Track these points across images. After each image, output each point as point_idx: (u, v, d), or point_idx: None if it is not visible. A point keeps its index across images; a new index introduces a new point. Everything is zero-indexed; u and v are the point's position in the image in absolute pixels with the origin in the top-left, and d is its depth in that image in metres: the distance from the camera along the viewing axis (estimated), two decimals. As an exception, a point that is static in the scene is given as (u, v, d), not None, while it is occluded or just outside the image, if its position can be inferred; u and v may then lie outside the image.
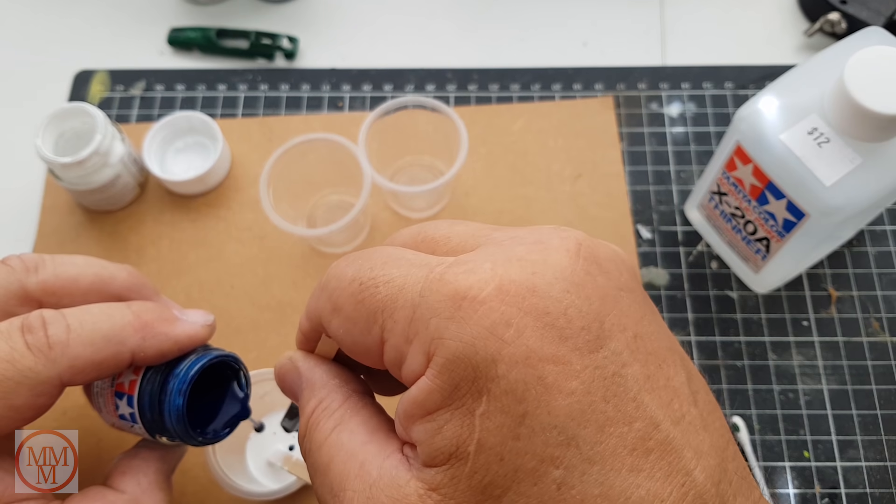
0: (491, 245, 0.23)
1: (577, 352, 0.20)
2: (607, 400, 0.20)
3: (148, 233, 0.55)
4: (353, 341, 0.23)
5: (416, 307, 0.21)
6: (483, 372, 0.20)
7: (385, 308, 0.22)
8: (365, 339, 0.23)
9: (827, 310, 0.52)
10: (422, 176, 0.56)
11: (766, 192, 0.43)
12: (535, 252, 0.21)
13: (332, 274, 0.25)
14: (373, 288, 0.22)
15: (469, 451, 0.20)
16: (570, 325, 0.20)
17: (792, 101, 0.42)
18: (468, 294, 0.20)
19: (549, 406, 0.20)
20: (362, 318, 0.23)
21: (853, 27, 0.58)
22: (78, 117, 0.52)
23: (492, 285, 0.20)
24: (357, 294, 0.23)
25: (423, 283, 0.21)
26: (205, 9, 0.65)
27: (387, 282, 0.22)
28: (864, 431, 0.49)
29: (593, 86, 0.60)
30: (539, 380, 0.20)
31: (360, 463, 0.23)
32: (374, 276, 0.23)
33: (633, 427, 0.20)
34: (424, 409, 0.21)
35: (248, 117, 0.59)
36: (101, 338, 0.33)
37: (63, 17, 0.65)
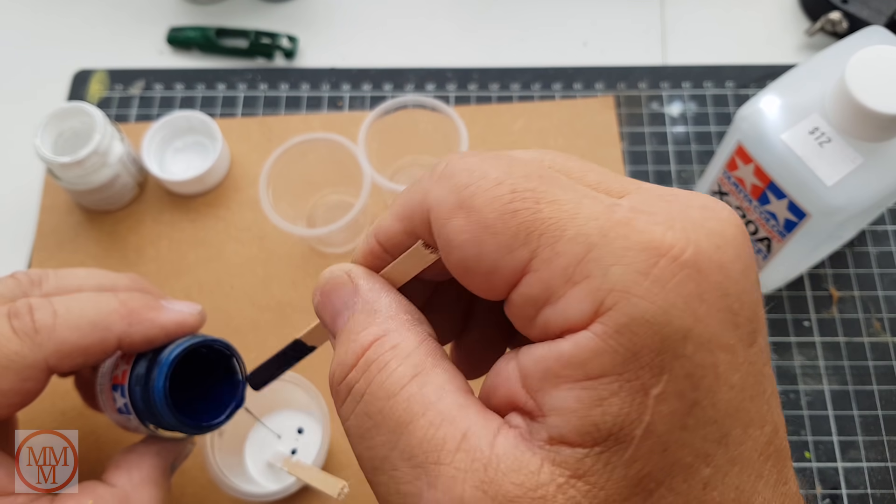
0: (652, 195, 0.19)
1: (742, 342, 0.18)
2: (753, 399, 0.18)
3: (147, 233, 0.55)
4: (478, 253, 0.19)
5: (593, 246, 0.17)
6: (670, 346, 0.17)
7: (546, 232, 0.18)
8: (498, 256, 0.18)
9: (828, 310, 0.52)
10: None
11: (767, 192, 0.43)
12: (710, 220, 0.18)
13: (461, 167, 0.19)
14: (532, 202, 0.18)
15: (635, 435, 0.17)
16: (742, 311, 0.18)
17: (793, 100, 0.42)
18: (669, 252, 0.17)
19: (715, 398, 0.17)
20: (507, 231, 0.18)
21: (854, 26, 0.58)
22: (77, 117, 0.52)
23: (691, 249, 0.17)
24: (508, 202, 0.18)
25: (605, 220, 0.18)
26: (204, 8, 0.65)
27: (552, 201, 0.18)
28: (866, 432, 0.49)
29: (594, 85, 0.60)
30: (713, 367, 0.17)
31: (463, 432, 0.18)
32: (532, 187, 0.18)
33: (764, 430, 0.18)
34: (583, 371, 0.17)
35: (247, 117, 0.59)
36: (88, 323, 0.33)
37: (62, 16, 0.65)
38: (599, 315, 0.17)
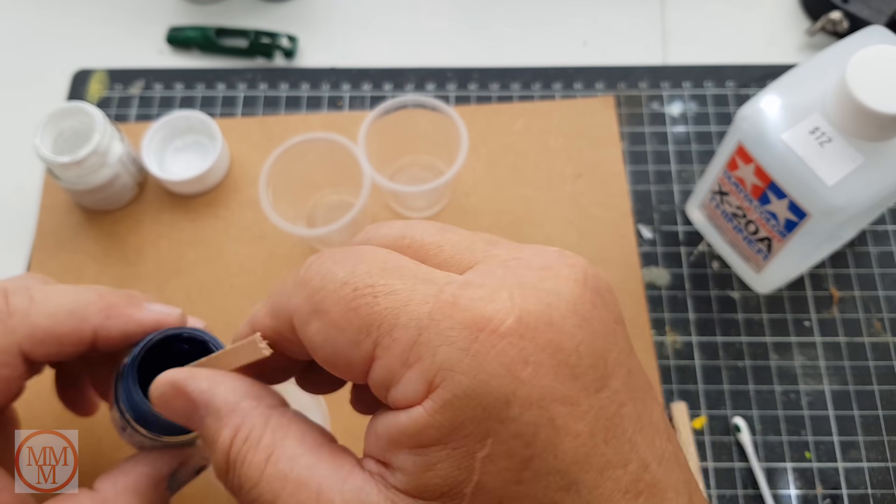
0: (494, 265, 0.21)
1: (584, 391, 0.19)
2: (608, 442, 0.19)
3: (147, 233, 0.55)
4: (333, 351, 0.21)
5: (422, 329, 0.19)
6: (493, 413, 0.19)
7: (383, 323, 0.20)
8: (349, 352, 0.21)
9: (829, 310, 0.52)
10: (422, 176, 0.56)
11: (767, 192, 0.43)
12: (547, 280, 0.20)
13: (315, 271, 0.22)
14: (370, 297, 0.20)
15: (465, 493, 0.19)
16: (581, 362, 0.19)
17: (794, 100, 0.42)
18: (487, 326, 0.19)
19: (556, 450, 0.19)
20: (352, 328, 0.20)
21: (855, 26, 0.58)
22: (76, 117, 0.52)
23: (512, 317, 0.19)
24: (350, 301, 0.20)
25: (433, 304, 0.20)
26: (204, 8, 0.65)
27: (388, 293, 0.20)
28: (866, 432, 0.49)
29: (594, 85, 0.60)
30: (550, 422, 0.19)
31: (316, 492, 0.21)
32: (371, 283, 0.20)
33: (627, 469, 0.20)
34: (416, 441, 0.19)
35: (247, 117, 0.59)
36: (64, 311, 0.33)
37: (61, 15, 0.65)
38: (431, 391, 0.19)
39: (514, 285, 0.20)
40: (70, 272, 0.53)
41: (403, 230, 0.23)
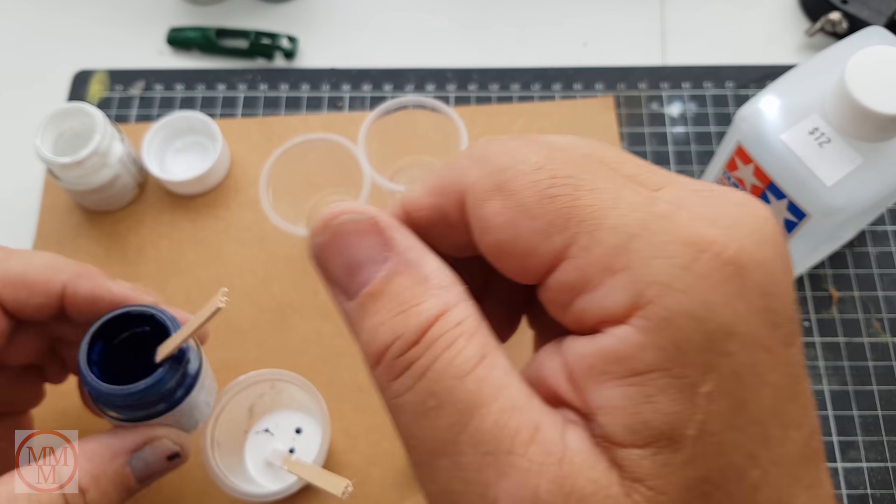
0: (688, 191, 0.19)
1: (781, 343, 0.18)
2: (792, 400, 0.18)
3: (147, 233, 0.55)
4: (514, 235, 0.18)
5: (633, 236, 0.17)
6: (715, 344, 0.16)
7: (586, 219, 0.17)
8: (535, 240, 0.18)
9: (828, 310, 0.52)
10: (422, 176, 0.56)
11: (767, 192, 0.43)
12: (749, 218, 0.18)
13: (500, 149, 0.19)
14: (572, 189, 0.18)
15: (689, 435, 0.16)
16: (782, 311, 0.18)
17: (793, 100, 0.42)
18: (711, 248, 0.17)
19: (760, 397, 0.17)
20: (545, 216, 0.18)
21: (854, 27, 0.58)
22: (77, 117, 0.52)
23: (733, 246, 0.17)
24: (547, 187, 0.18)
25: (645, 213, 0.17)
26: (204, 8, 0.65)
27: (591, 189, 0.18)
28: (866, 432, 0.49)
29: (594, 86, 0.60)
30: (754, 367, 0.17)
31: (535, 423, 0.17)
32: (572, 173, 0.18)
33: (802, 432, 0.18)
34: (628, 367, 0.17)
35: (247, 117, 0.59)
36: (39, 262, 0.34)
37: (62, 16, 0.65)
38: (638, 308, 0.17)
39: (722, 216, 0.18)
40: (70, 272, 0.53)
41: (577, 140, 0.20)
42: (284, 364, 0.51)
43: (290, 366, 0.50)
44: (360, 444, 0.48)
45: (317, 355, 0.51)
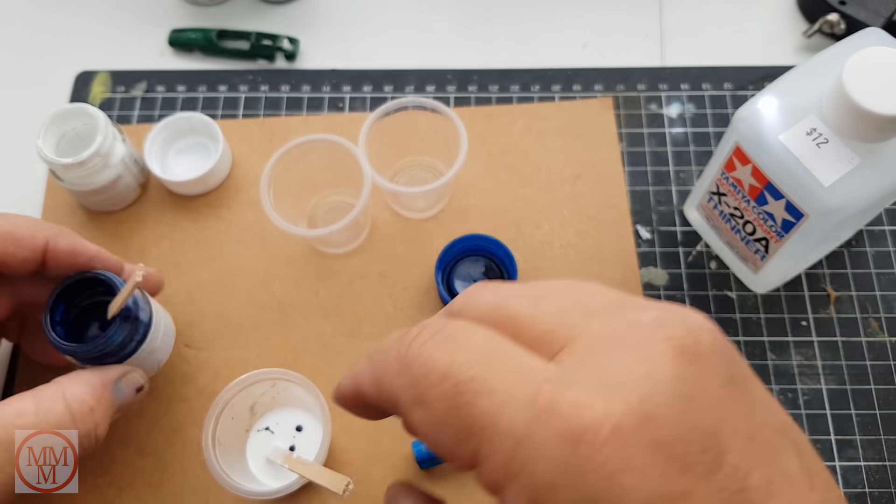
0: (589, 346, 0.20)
1: (700, 479, 0.18)
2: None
3: (149, 233, 0.55)
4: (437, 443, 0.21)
5: (520, 441, 0.19)
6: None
7: (483, 428, 0.20)
8: (452, 448, 0.21)
9: (826, 310, 0.52)
10: (422, 176, 0.57)
11: (764, 193, 0.44)
12: (641, 363, 0.19)
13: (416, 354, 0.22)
14: (470, 396, 0.20)
15: None
16: (690, 450, 0.19)
17: (791, 101, 0.42)
18: (584, 437, 0.18)
19: None
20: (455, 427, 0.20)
21: (852, 28, 0.58)
22: (79, 118, 0.53)
23: (609, 424, 0.18)
24: (452, 397, 0.20)
25: (530, 413, 0.19)
26: (205, 10, 0.65)
27: (487, 393, 0.20)
28: (863, 431, 0.49)
29: (593, 86, 0.60)
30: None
31: None
32: (472, 377, 0.20)
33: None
34: None
35: (248, 118, 0.60)
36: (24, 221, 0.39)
37: (64, 18, 0.65)
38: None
39: (608, 380, 0.19)
40: (73, 272, 0.54)
41: (499, 302, 0.23)
42: (286, 363, 0.51)
43: (291, 364, 0.51)
44: (361, 443, 0.48)
45: (318, 354, 0.51)
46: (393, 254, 0.54)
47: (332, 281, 0.53)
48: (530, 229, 0.55)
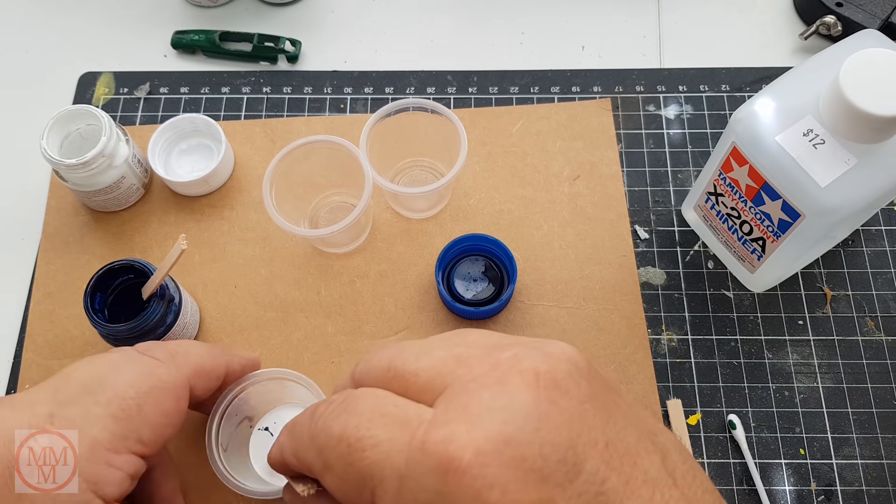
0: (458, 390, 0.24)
1: (558, 487, 0.21)
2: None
3: (153, 234, 0.55)
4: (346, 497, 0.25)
5: (403, 478, 0.22)
6: None
7: (374, 475, 0.23)
8: (357, 499, 0.24)
9: (822, 309, 0.53)
10: (422, 177, 0.57)
11: (761, 193, 0.44)
12: (500, 396, 0.23)
13: (318, 426, 0.26)
14: (360, 451, 0.24)
15: None
16: (548, 462, 0.21)
17: (788, 102, 0.42)
18: (451, 465, 0.22)
19: None
20: (353, 480, 0.24)
21: (848, 30, 0.59)
22: (83, 119, 0.53)
23: (470, 450, 0.22)
24: (346, 456, 0.24)
25: (408, 453, 0.23)
26: (208, 12, 0.65)
27: (373, 445, 0.23)
28: (860, 429, 0.49)
29: (591, 88, 0.61)
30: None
31: None
32: (360, 436, 0.24)
33: None
34: None
35: (251, 119, 0.60)
36: (206, 352, 0.40)
37: (68, 19, 0.65)
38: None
39: (472, 414, 0.23)
40: (76, 272, 0.54)
41: (388, 364, 0.27)
42: (287, 362, 0.51)
43: (293, 363, 0.51)
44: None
45: (319, 353, 0.52)
46: (394, 253, 0.55)
47: (333, 280, 0.54)
48: (530, 229, 0.55)
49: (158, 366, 0.37)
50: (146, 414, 0.35)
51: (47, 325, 0.53)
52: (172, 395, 0.36)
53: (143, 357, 0.37)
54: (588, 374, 0.25)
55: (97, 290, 0.47)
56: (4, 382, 0.52)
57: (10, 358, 0.52)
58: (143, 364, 0.37)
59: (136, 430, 0.34)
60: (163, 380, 0.36)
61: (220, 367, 0.41)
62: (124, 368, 0.36)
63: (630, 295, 0.53)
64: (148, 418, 0.35)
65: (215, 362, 0.40)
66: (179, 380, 0.37)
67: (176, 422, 0.37)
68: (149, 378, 0.36)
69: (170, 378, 0.37)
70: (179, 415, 0.37)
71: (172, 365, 0.37)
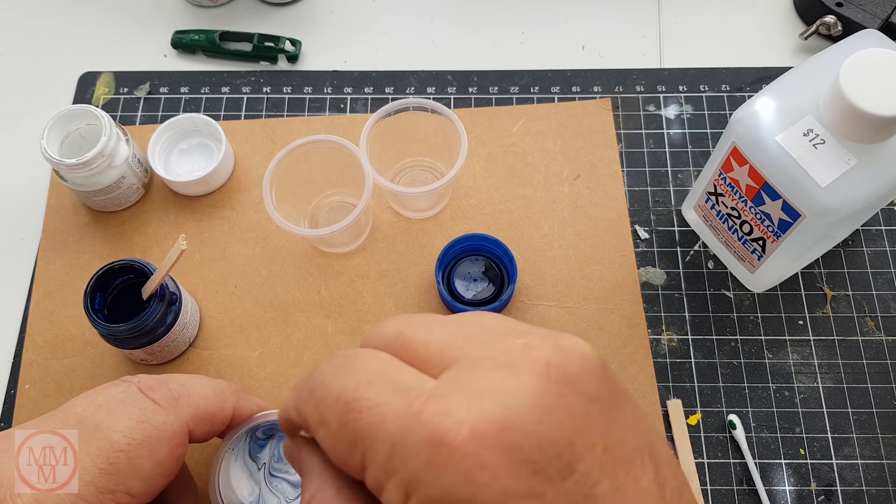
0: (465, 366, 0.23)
1: (549, 482, 0.21)
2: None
3: (153, 233, 0.55)
4: (336, 455, 0.24)
5: (395, 444, 0.22)
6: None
7: (367, 437, 0.23)
8: (347, 458, 0.24)
9: (822, 309, 0.53)
10: (423, 177, 0.57)
11: (761, 193, 0.44)
12: (507, 380, 0.22)
13: (319, 381, 0.25)
14: (356, 413, 0.23)
15: None
16: (543, 456, 0.21)
17: (788, 102, 0.42)
18: (445, 439, 0.21)
19: None
20: (346, 439, 0.24)
21: (848, 30, 0.59)
22: (83, 119, 0.53)
23: (467, 428, 0.21)
24: (342, 415, 0.24)
25: (402, 420, 0.22)
26: (208, 12, 0.66)
27: (370, 408, 0.23)
28: (860, 429, 0.49)
29: (591, 88, 0.61)
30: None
31: None
32: (357, 397, 0.24)
33: None
34: None
35: (251, 119, 0.60)
36: (211, 393, 0.38)
37: (68, 19, 0.65)
38: (408, 499, 0.22)
39: (474, 392, 0.22)
40: (77, 272, 0.54)
41: (399, 329, 0.26)
42: (287, 361, 0.51)
43: (293, 363, 0.51)
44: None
45: (320, 353, 0.52)
46: (394, 253, 0.55)
47: (333, 280, 0.54)
48: (530, 229, 0.55)
49: (156, 412, 0.36)
50: (137, 466, 0.34)
51: (47, 325, 0.53)
52: (168, 444, 0.35)
53: (142, 399, 0.36)
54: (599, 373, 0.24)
55: (97, 289, 0.47)
56: (4, 382, 0.52)
57: (10, 358, 0.52)
58: (140, 409, 0.36)
59: (123, 484, 0.34)
60: (159, 428, 0.35)
61: (226, 410, 0.39)
62: (120, 414, 0.35)
63: (630, 295, 0.53)
64: (139, 470, 0.34)
65: (221, 405, 0.39)
66: (178, 426, 0.36)
67: (171, 470, 0.36)
68: (143, 427, 0.35)
69: (166, 426, 0.36)
70: (175, 462, 0.36)
71: (171, 411, 0.36)
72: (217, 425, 0.39)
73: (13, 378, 0.51)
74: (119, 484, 0.34)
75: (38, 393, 0.51)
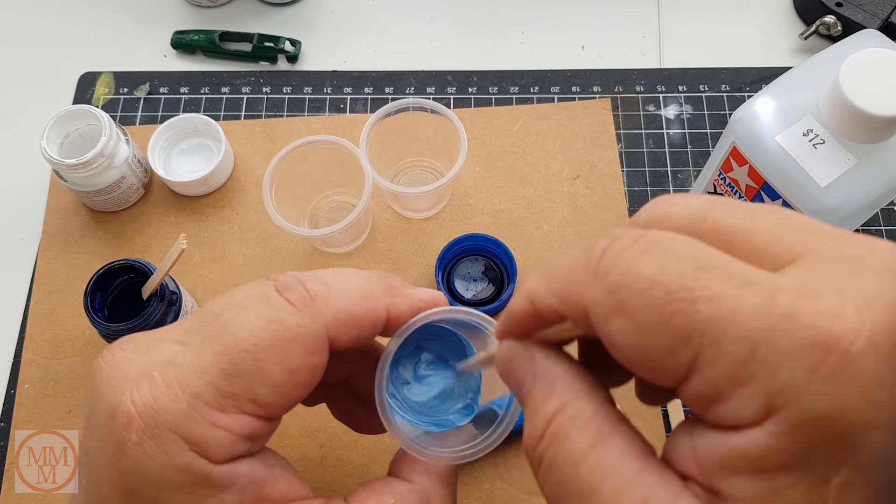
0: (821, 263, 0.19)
1: None
2: None
3: (153, 233, 0.55)
4: (641, 354, 0.19)
5: (757, 345, 0.18)
6: (849, 439, 0.17)
7: (706, 333, 0.18)
8: (661, 358, 0.19)
9: (823, 309, 0.53)
10: (422, 177, 0.57)
11: (761, 193, 0.44)
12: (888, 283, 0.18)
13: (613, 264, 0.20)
14: (688, 303, 0.18)
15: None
16: None
17: (787, 103, 0.42)
18: (837, 346, 0.17)
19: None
20: (666, 333, 0.19)
21: (848, 30, 0.59)
22: (83, 119, 0.53)
23: (863, 338, 0.17)
24: (663, 305, 0.19)
25: (766, 317, 0.18)
26: (208, 12, 0.66)
27: (708, 299, 0.18)
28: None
29: (591, 88, 0.61)
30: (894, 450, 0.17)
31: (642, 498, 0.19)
32: (687, 285, 0.19)
33: None
34: (758, 465, 0.18)
35: (251, 119, 0.60)
36: (358, 292, 0.31)
37: (68, 19, 0.65)
38: (771, 413, 0.17)
39: (855, 294, 0.18)
40: (77, 272, 0.54)
41: (703, 211, 0.21)
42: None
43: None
44: (362, 441, 0.49)
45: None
46: (393, 253, 0.55)
47: (333, 280, 0.54)
48: (530, 229, 0.55)
49: (290, 312, 0.29)
50: (265, 371, 0.28)
51: (47, 325, 0.53)
52: (301, 350, 0.29)
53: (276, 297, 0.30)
54: None
55: (97, 289, 0.47)
56: (4, 382, 0.52)
57: (10, 357, 0.52)
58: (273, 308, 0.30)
59: (248, 389, 0.28)
60: (291, 330, 0.29)
61: (377, 312, 0.32)
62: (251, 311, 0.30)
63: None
64: (267, 376, 0.28)
65: (372, 306, 0.31)
66: (313, 330, 0.30)
67: (305, 381, 0.30)
68: (274, 327, 0.29)
69: (300, 329, 0.29)
70: (310, 373, 0.30)
71: (307, 312, 0.30)
72: (367, 330, 0.32)
73: (13, 378, 0.51)
74: (243, 389, 0.28)
75: (38, 393, 0.51)
